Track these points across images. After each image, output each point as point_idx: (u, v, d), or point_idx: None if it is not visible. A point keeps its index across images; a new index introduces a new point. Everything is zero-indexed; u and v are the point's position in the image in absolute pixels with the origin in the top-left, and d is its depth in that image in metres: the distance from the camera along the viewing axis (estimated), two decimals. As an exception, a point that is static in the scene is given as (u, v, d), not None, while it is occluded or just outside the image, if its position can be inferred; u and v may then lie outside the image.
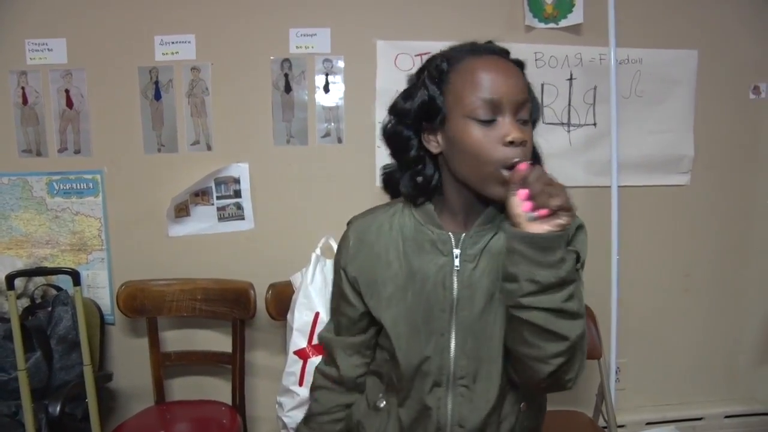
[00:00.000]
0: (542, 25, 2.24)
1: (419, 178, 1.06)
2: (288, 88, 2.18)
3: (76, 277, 1.89)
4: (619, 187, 2.16)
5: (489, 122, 0.95)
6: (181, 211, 2.21)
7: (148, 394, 2.16)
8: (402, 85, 1.11)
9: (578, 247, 1.01)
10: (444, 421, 1.05)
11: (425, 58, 1.09)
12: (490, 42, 1.04)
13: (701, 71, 2.32)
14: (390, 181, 1.15)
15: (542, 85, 2.26)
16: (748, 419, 2.53)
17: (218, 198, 2.22)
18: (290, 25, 2.16)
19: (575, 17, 2.23)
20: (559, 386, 0.98)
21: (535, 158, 1.05)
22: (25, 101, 2.15)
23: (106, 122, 2.17)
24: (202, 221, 2.22)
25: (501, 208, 0.99)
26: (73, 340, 1.98)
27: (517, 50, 2.28)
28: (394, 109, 1.08)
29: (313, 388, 1.27)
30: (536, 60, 2.24)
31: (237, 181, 2.22)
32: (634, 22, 2.25)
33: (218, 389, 2.24)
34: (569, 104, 2.29)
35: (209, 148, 2.20)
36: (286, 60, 2.17)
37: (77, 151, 2.18)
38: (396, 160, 1.11)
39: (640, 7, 2.26)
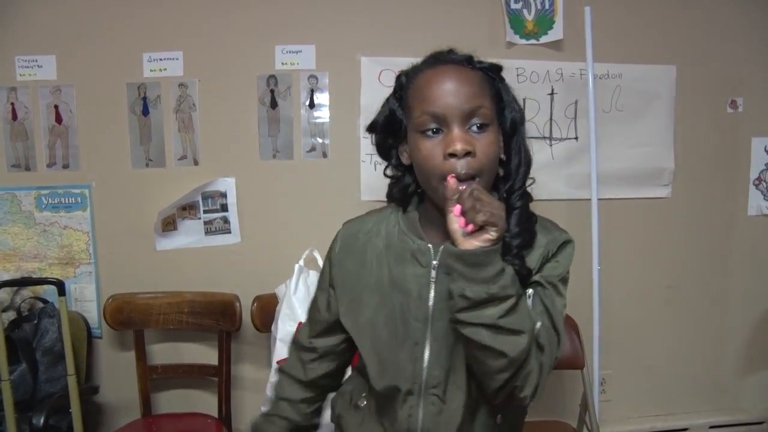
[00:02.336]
0: (523, 42, 2.29)
1: (400, 187, 1.10)
2: (274, 104, 2.22)
3: (61, 287, 1.91)
4: (600, 199, 2.18)
5: (435, 135, 0.97)
6: (169, 225, 2.23)
7: (135, 407, 2.16)
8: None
9: (561, 261, 1.02)
10: (414, 429, 1.04)
11: None
12: (451, 50, 1.05)
13: (680, 86, 2.37)
14: (389, 197, 1.16)
15: (524, 99, 2.27)
16: (733, 429, 2.54)
17: (205, 212, 2.25)
18: (276, 42, 2.20)
19: (555, 34, 2.28)
20: (515, 401, 0.98)
21: (516, 161, 1.03)
22: (14, 117, 2.18)
23: (95, 137, 2.20)
24: (189, 235, 2.25)
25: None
26: (59, 352, 1.99)
27: (498, 66, 2.31)
28: (370, 124, 1.11)
29: (279, 370, 1.29)
30: (518, 75, 2.28)
31: (224, 195, 2.24)
32: (614, 39, 2.30)
33: (204, 402, 2.25)
34: (551, 118, 2.33)
35: (196, 162, 2.24)
36: (272, 76, 2.21)
37: (66, 166, 2.21)
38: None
39: (619, 23, 2.32)
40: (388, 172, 1.13)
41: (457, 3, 2.25)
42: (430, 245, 1.04)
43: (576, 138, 2.35)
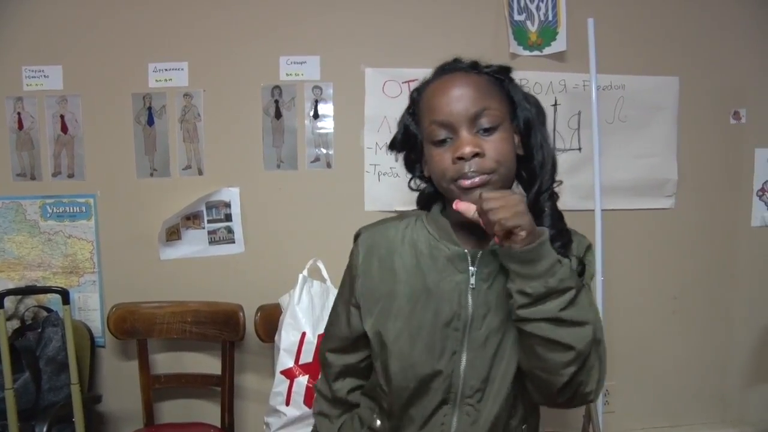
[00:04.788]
0: (527, 53, 2.30)
1: (424, 197, 1.13)
2: (278, 115, 2.23)
3: (65, 296, 1.92)
4: (604, 210, 2.18)
5: (445, 142, 0.99)
6: (173, 234, 2.24)
7: (138, 416, 2.16)
8: (389, 111, 1.16)
9: (590, 263, 1.04)
10: None
11: (412, 85, 1.14)
12: (456, 59, 1.07)
13: (683, 97, 2.38)
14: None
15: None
16: (738, 442, 2.53)
17: (209, 222, 2.26)
18: (280, 53, 2.22)
19: (559, 45, 2.29)
20: (579, 399, 0.98)
21: (539, 159, 1.04)
22: (20, 126, 2.20)
23: (100, 147, 2.22)
24: (193, 245, 2.25)
25: None
26: (62, 361, 1.99)
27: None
28: (390, 142, 1.13)
29: (315, 412, 1.26)
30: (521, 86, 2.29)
31: (228, 205, 2.25)
32: (617, 50, 2.30)
33: (207, 412, 2.25)
34: (554, 129, 2.33)
35: (201, 172, 2.25)
36: (277, 87, 2.22)
37: (71, 175, 2.22)
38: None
39: (622, 35, 2.32)
40: (412, 185, 1.14)
41: (461, 14, 2.27)
42: (466, 250, 1.03)
43: (579, 149, 2.36)
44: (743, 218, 2.49)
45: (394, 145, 1.12)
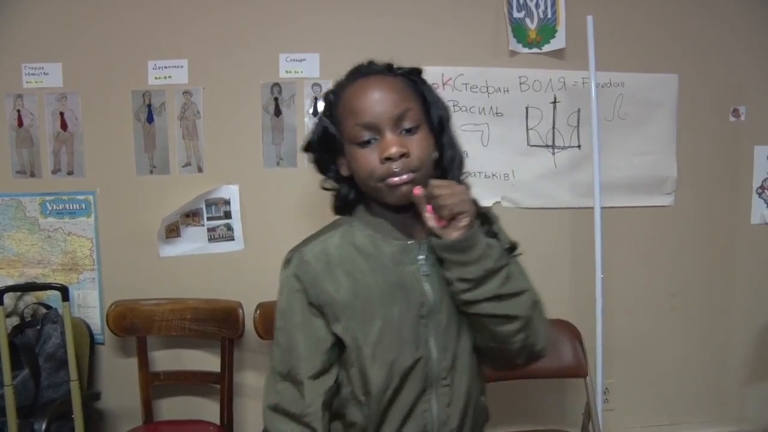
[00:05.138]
0: (526, 50, 2.30)
1: (343, 199, 1.13)
2: (278, 112, 2.23)
3: (64, 292, 1.92)
4: (603, 208, 2.18)
5: (369, 143, 1.02)
6: (172, 231, 2.24)
7: (137, 413, 2.16)
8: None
9: (502, 233, 1.08)
10: (430, 422, 1.05)
11: None
12: (371, 62, 1.09)
13: (682, 94, 2.38)
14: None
15: (527, 108, 2.32)
16: (737, 440, 2.53)
17: (209, 219, 2.26)
18: (280, 51, 2.22)
19: (558, 42, 2.29)
20: (534, 357, 1.07)
21: (449, 156, 1.09)
22: (20, 123, 2.20)
23: (100, 144, 2.22)
24: (193, 242, 2.25)
25: None
26: (62, 358, 2.00)
27: (501, 74, 2.36)
28: (306, 144, 1.14)
29: None
30: (521, 84, 2.30)
31: (227, 202, 2.25)
32: (616, 47, 2.31)
33: (206, 409, 2.25)
34: (553, 127, 2.34)
35: (200, 170, 2.25)
36: (276, 84, 2.23)
37: (70, 173, 2.22)
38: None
39: (621, 32, 2.33)
40: (327, 185, 1.15)
41: (460, 12, 2.27)
42: (410, 243, 1.07)
43: (579, 146, 2.36)
44: (743, 216, 2.49)
45: (310, 147, 1.13)
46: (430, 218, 0.99)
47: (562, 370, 2.09)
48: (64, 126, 2.21)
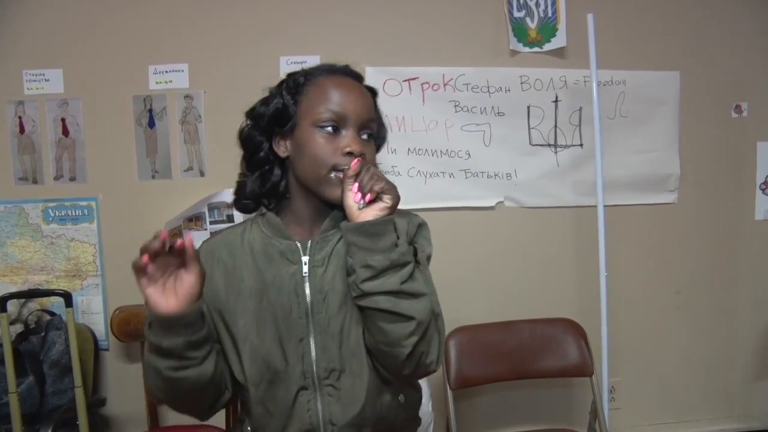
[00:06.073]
0: (527, 50, 2.30)
1: (266, 180, 1.13)
2: (279, 114, 2.23)
3: (68, 298, 1.92)
4: (607, 206, 2.18)
5: (333, 132, 1.04)
6: (175, 236, 2.23)
7: (142, 419, 2.15)
8: (389, 110, 1.17)
9: (420, 242, 1.10)
10: (316, 421, 1.07)
11: (413, 83, 1.16)
12: (346, 66, 1.13)
13: (684, 91, 2.38)
14: (241, 194, 1.16)
15: (528, 107, 2.31)
16: (744, 437, 2.52)
17: (211, 223, 2.25)
18: (280, 54, 2.22)
19: (558, 41, 2.29)
20: (422, 369, 1.04)
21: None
22: (22, 130, 2.20)
23: (101, 150, 2.22)
24: (196, 246, 2.24)
25: (345, 213, 1.04)
26: (66, 364, 1.99)
27: (502, 74, 2.35)
28: (251, 113, 1.16)
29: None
30: (522, 83, 2.30)
31: (230, 206, 2.24)
32: (617, 45, 2.31)
33: (212, 414, 2.24)
34: (555, 126, 2.34)
35: (202, 174, 2.25)
36: (277, 87, 2.22)
37: (72, 179, 2.22)
38: (246, 163, 1.17)
39: (622, 30, 2.33)
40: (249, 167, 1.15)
41: (461, 12, 2.27)
42: (297, 243, 1.09)
43: (581, 145, 2.35)
44: (747, 212, 2.49)
45: (258, 116, 1.13)
46: (352, 196, 1.00)
47: (567, 370, 2.09)
48: (65, 132, 2.21)
